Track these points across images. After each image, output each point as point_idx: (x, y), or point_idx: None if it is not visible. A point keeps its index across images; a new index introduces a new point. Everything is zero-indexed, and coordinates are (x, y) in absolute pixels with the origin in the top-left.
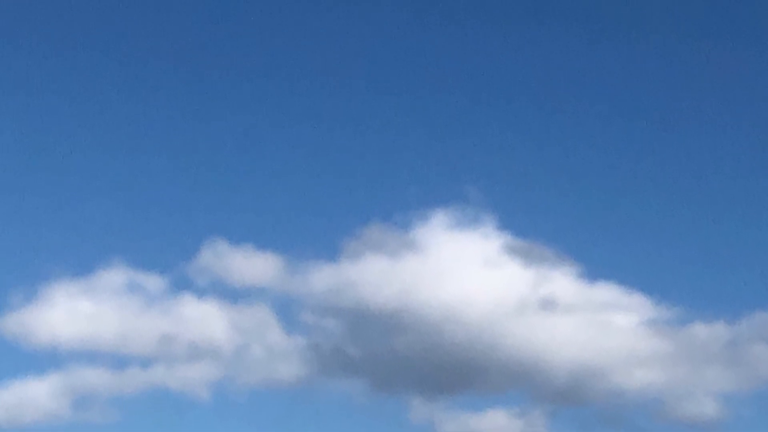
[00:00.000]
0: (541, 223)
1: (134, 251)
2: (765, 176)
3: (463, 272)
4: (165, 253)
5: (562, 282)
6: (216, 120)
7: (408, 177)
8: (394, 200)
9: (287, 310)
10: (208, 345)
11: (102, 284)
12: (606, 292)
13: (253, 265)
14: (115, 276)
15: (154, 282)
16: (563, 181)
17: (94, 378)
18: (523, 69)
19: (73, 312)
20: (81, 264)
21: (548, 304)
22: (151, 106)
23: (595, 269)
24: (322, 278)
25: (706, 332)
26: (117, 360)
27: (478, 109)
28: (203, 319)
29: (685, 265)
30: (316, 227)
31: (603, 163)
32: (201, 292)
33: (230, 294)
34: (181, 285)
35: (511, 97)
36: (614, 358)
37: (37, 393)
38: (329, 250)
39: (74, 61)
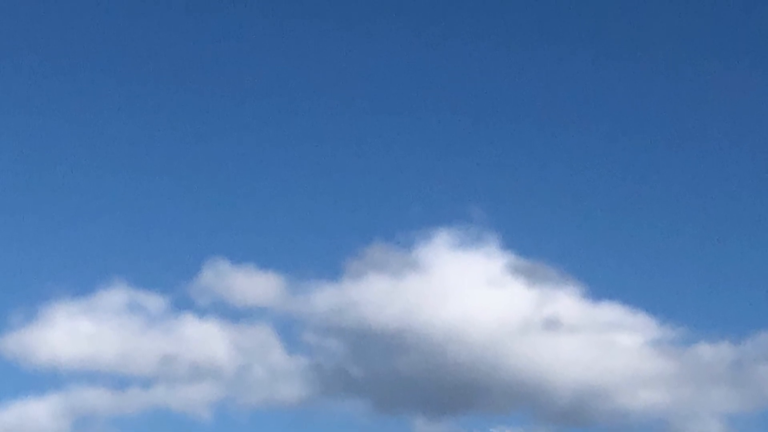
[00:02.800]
0: (544, 243)
1: (135, 271)
2: None
3: (466, 292)
4: (166, 272)
5: (566, 302)
6: (217, 139)
7: (411, 196)
8: (397, 220)
9: (289, 330)
10: (209, 365)
11: (103, 304)
12: (610, 311)
13: (254, 285)
14: (115, 296)
15: (155, 302)
16: (567, 200)
17: (95, 398)
18: (526, 88)
19: (74, 332)
20: (81, 284)
21: (552, 324)
22: (152, 125)
23: (599, 289)
24: (324, 298)
25: (711, 352)
26: (118, 380)
27: (481, 128)
28: (204, 339)
29: (690, 284)
30: (318, 247)
31: (607, 182)
32: (202, 312)
33: (232, 314)
34: (183, 305)
35: (515, 116)
36: (618, 379)
37: (38, 413)
38: (331, 269)
39: (75, 80)
